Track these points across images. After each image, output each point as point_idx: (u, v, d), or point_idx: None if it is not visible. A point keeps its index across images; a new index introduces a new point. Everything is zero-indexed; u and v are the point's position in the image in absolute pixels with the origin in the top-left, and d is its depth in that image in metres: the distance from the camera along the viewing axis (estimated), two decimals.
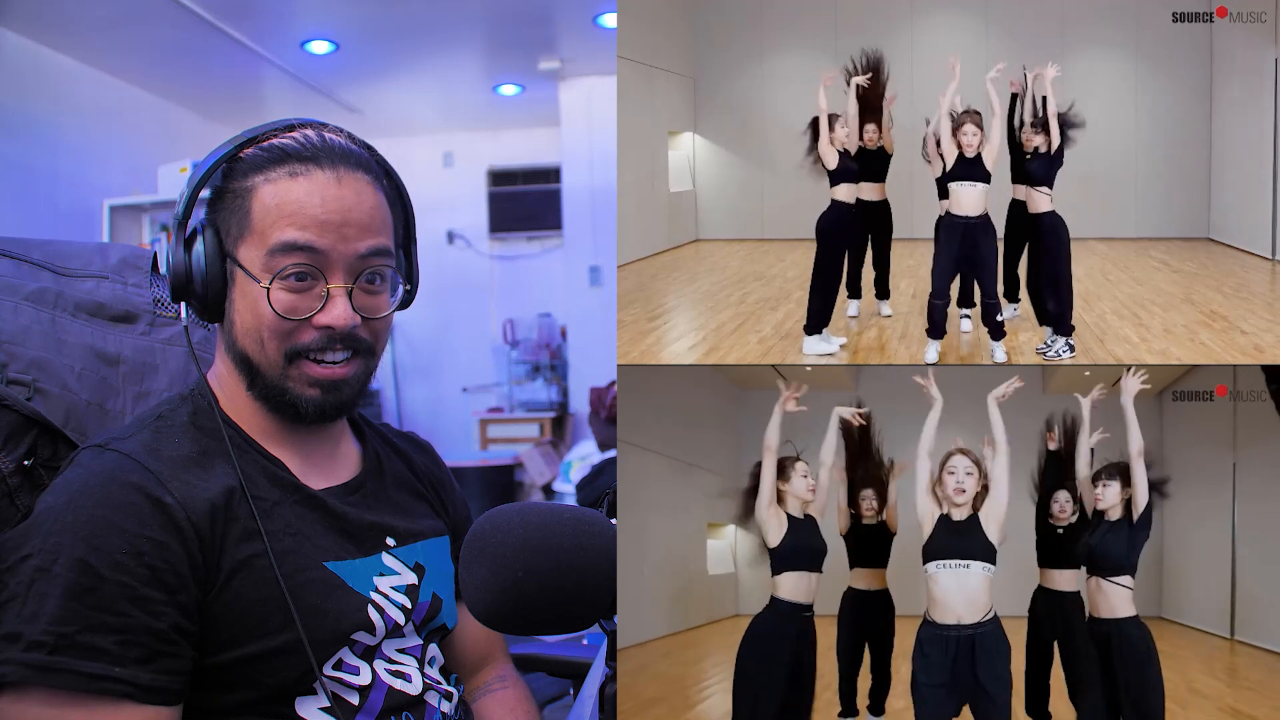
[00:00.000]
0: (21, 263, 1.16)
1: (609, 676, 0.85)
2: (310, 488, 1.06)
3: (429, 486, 1.24)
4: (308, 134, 1.04)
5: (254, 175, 1.01)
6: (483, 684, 1.28)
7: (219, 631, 0.94)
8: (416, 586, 1.10)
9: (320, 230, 0.99)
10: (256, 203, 1.00)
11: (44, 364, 1.09)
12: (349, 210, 1.00)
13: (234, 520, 0.97)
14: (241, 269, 1.00)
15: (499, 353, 6.54)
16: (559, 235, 6.18)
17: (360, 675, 1.02)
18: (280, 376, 1.01)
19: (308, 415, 1.03)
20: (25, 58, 4.70)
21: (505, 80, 5.77)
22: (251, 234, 1.00)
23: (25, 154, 4.68)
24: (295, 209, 0.99)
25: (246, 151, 1.02)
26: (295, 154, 1.01)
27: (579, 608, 0.83)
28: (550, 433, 6.13)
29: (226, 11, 4.48)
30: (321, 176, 1.00)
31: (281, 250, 0.98)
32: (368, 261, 1.02)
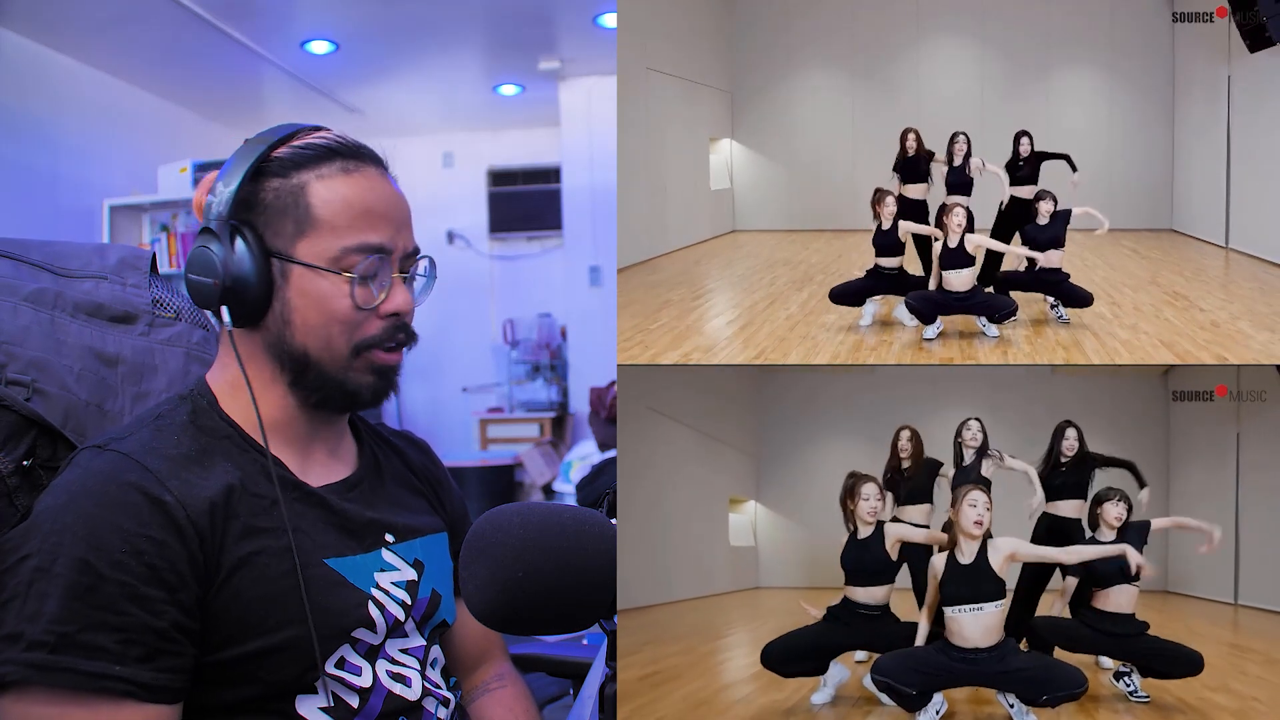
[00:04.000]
0: (21, 263, 1.16)
1: (609, 676, 0.85)
2: (309, 485, 1.06)
3: (426, 483, 1.25)
4: (338, 136, 1.06)
5: (300, 173, 1.01)
6: (481, 683, 1.28)
7: (220, 628, 0.94)
8: (416, 582, 1.11)
9: (388, 226, 1.03)
10: (315, 198, 1.01)
11: (43, 364, 1.09)
12: (401, 206, 1.06)
13: (233, 518, 0.97)
14: (304, 266, 1.00)
15: (499, 353, 6.54)
16: (559, 235, 6.18)
17: (362, 676, 1.02)
18: (342, 369, 1.03)
19: (365, 401, 1.06)
20: (25, 58, 4.70)
21: (505, 80, 5.76)
22: (315, 230, 1.00)
23: (25, 154, 4.68)
24: (363, 206, 1.02)
25: (280, 151, 1.03)
26: (341, 151, 1.03)
27: (579, 608, 0.82)
28: (550, 433, 6.13)
29: (226, 11, 4.48)
30: (373, 173, 1.05)
31: (358, 249, 1.01)
32: (411, 259, 1.07)
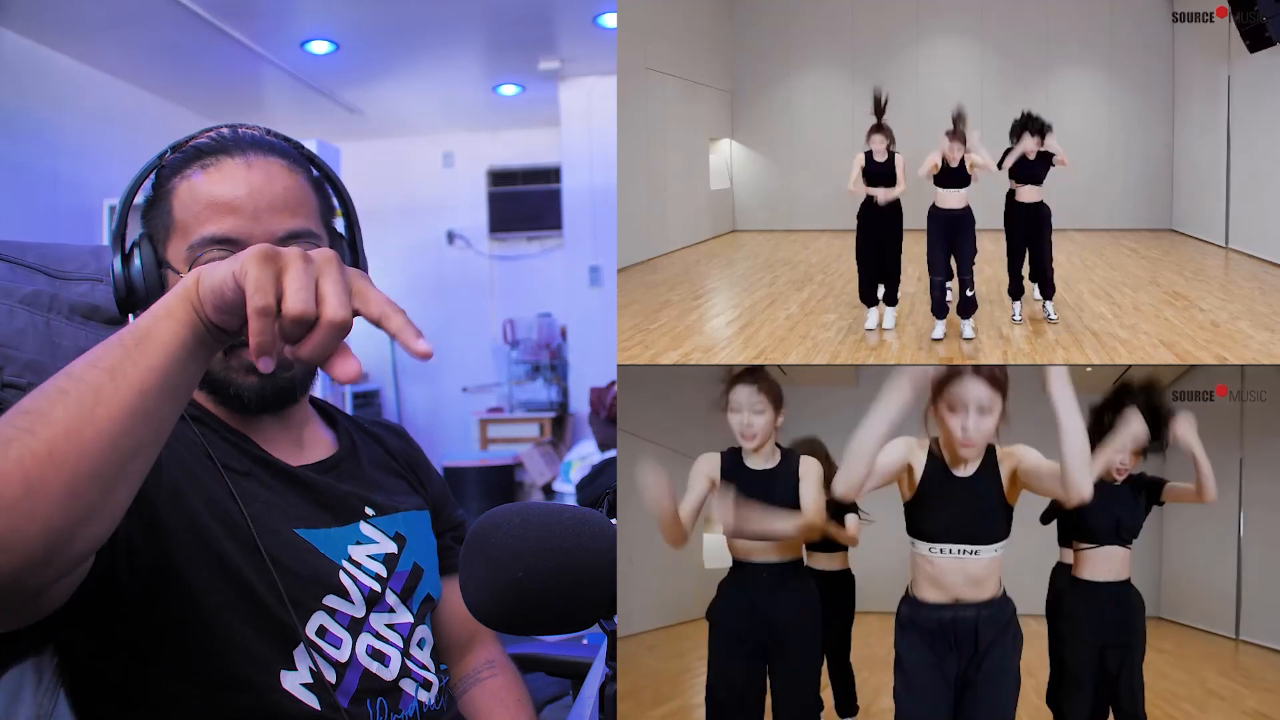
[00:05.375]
0: (16, 266, 1.16)
1: (609, 676, 0.85)
2: (284, 462, 1.07)
3: (406, 466, 1.25)
4: (221, 131, 1.06)
5: (173, 177, 1.04)
6: (470, 670, 1.26)
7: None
8: (396, 555, 1.11)
9: (234, 216, 1.01)
10: (175, 201, 1.03)
11: (39, 367, 1.09)
12: (259, 192, 1.02)
13: (204, 485, 0.98)
14: (170, 269, 1.02)
15: (499, 353, 6.54)
16: (559, 235, 6.18)
17: (341, 649, 1.02)
18: (222, 369, 1.03)
19: (252, 404, 1.05)
20: (25, 58, 4.70)
21: (505, 80, 5.77)
22: (175, 233, 1.03)
23: (25, 154, 4.68)
24: (208, 199, 1.01)
25: (168, 158, 1.05)
26: (206, 149, 1.04)
27: (579, 608, 0.82)
28: (550, 433, 6.13)
29: (226, 11, 4.48)
30: (230, 163, 1.03)
31: (200, 244, 1.00)
32: (288, 244, 0.98)
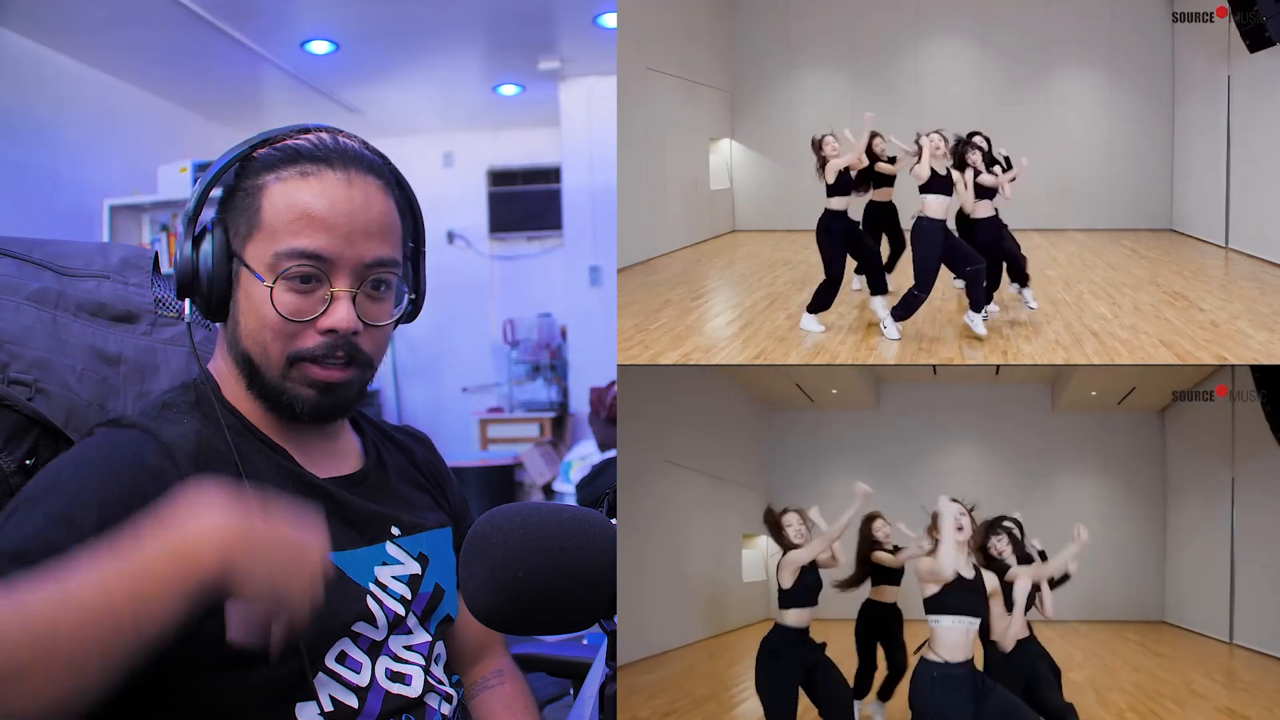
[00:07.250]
0: (23, 263, 1.16)
1: (609, 676, 0.85)
2: (312, 476, 1.06)
3: (429, 478, 1.25)
4: (322, 137, 1.04)
5: (265, 174, 1.01)
6: (480, 679, 1.27)
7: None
8: (420, 576, 1.10)
9: (328, 233, 0.99)
10: (266, 200, 1.00)
11: (45, 364, 1.09)
12: (357, 213, 1.00)
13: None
14: (246, 268, 1.01)
15: (499, 353, 6.53)
16: (559, 235, 6.18)
17: (361, 674, 1.01)
18: (279, 378, 1.02)
19: (304, 415, 1.03)
20: (25, 58, 4.70)
21: (505, 80, 5.76)
22: (260, 232, 1.00)
23: (25, 154, 4.68)
24: (304, 209, 0.99)
25: (260, 151, 1.03)
26: (308, 154, 1.02)
27: (579, 608, 0.82)
28: (550, 433, 6.12)
29: (226, 11, 4.48)
30: (333, 177, 1.01)
31: (289, 255, 0.98)
32: (372, 270, 1.02)
